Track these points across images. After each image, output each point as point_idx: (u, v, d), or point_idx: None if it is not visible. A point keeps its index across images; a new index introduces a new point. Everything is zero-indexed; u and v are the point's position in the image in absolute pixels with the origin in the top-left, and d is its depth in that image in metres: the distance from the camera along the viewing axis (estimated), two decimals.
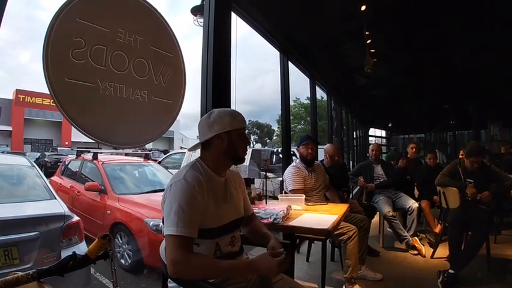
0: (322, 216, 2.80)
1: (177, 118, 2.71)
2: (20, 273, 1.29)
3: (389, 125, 20.70)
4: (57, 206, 3.20)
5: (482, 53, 7.27)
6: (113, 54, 2.12)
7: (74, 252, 1.43)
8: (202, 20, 3.15)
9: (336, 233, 3.17)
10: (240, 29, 4.02)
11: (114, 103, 2.11)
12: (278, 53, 5.62)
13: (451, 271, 3.50)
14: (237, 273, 1.68)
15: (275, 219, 2.50)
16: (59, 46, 1.88)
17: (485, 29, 5.85)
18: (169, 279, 1.72)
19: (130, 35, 2.23)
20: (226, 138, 1.72)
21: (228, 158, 1.76)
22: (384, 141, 22.41)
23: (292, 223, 2.54)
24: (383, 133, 22.87)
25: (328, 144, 4.85)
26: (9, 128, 28.53)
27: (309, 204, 3.29)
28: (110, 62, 2.09)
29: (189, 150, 1.93)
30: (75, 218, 3.16)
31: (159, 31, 2.50)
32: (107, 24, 2.11)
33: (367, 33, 5.79)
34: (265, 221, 2.45)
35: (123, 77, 2.16)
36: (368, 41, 5.96)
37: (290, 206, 2.87)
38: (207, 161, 1.76)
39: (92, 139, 2.01)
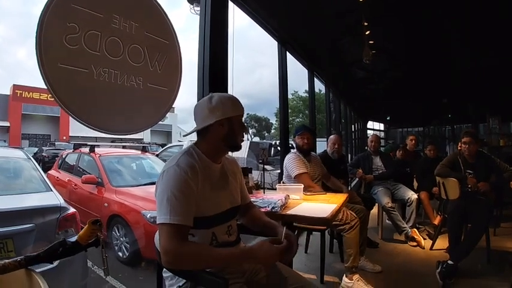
0: (321, 205, 2.76)
1: (175, 112, 2.68)
2: (7, 260, 1.25)
3: (388, 118, 20.70)
4: (53, 198, 3.16)
5: (481, 47, 7.27)
6: (107, 40, 2.06)
7: (64, 238, 1.38)
8: (198, 9, 3.10)
9: (337, 221, 3.15)
10: (238, 22, 3.98)
11: (108, 89, 2.06)
12: (276, 46, 5.59)
13: (450, 262, 3.47)
14: (234, 261, 1.61)
15: (273, 208, 2.46)
16: (53, 31, 1.83)
17: (485, 23, 5.84)
18: (164, 269, 1.68)
19: (126, 21, 2.18)
20: (227, 124, 1.67)
21: (226, 145, 1.72)
22: (382, 134, 22.41)
23: (290, 212, 2.50)
24: (381, 126, 22.90)
25: (333, 135, 4.84)
26: (7, 124, 28.44)
27: (308, 194, 3.26)
28: (104, 47, 2.04)
29: (185, 135, 1.86)
30: (71, 210, 3.11)
31: (154, 18, 2.45)
32: (101, 10, 2.06)
33: (365, 24, 5.76)
34: (262, 209, 2.41)
35: (117, 63, 2.11)
36: (367, 32, 5.94)
37: (288, 195, 2.84)
38: (203, 147, 1.71)
39: (85, 126, 1.96)
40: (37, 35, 1.79)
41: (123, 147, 7.81)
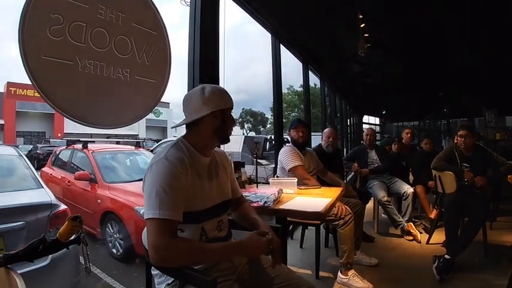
0: (315, 199, 2.71)
1: (170, 107, 2.62)
2: None
3: (383, 112, 20.70)
4: (44, 195, 3.13)
5: (477, 41, 7.24)
6: (93, 31, 2.00)
7: (44, 235, 1.34)
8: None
9: (331, 216, 3.11)
10: (232, 17, 3.90)
11: (94, 81, 1.99)
12: (270, 41, 5.53)
13: (447, 256, 3.44)
14: (226, 255, 1.59)
15: (265, 202, 2.41)
16: (36, 23, 1.77)
17: (481, 16, 5.80)
18: (152, 267, 1.64)
19: (112, 12, 2.11)
20: (220, 116, 1.65)
21: (217, 137, 1.69)
22: (378, 128, 22.42)
23: (283, 206, 2.45)
24: (377, 120, 22.89)
25: (327, 128, 4.81)
26: (1, 122, 28.27)
27: (302, 188, 3.21)
28: (90, 39, 1.98)
29: (173, 127, 1.85)
30: (63, 207, 3.07)
31: (142, 8, 2.38)
32: (86, 0, 2.00)
33: (360, 16, 5.73)
34: (255, 204, 2.36)
35: (103, 54, 2.05)
36: (362, 25, 5.90)
37: (281, 190, 2.79)
38: (192, 139, 1.66)
39: (71, 120, 1.91)
40: (20, 26, 1.73)
41: (117, 143, 7.75)
